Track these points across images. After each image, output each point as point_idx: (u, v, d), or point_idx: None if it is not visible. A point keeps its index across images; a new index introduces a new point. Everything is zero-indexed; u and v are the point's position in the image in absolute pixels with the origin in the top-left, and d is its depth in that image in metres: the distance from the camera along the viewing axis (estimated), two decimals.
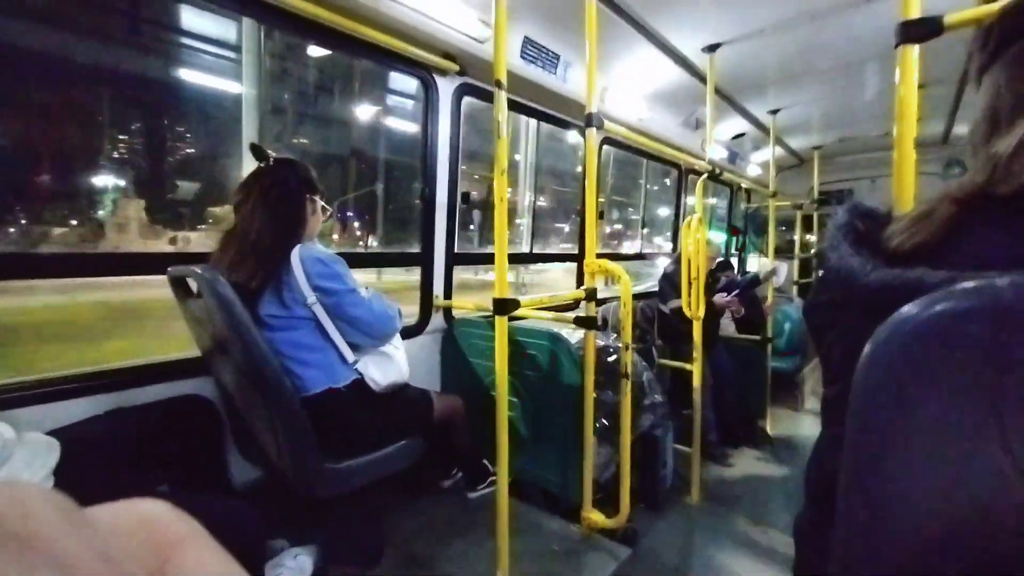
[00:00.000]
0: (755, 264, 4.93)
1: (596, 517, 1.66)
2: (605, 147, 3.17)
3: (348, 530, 1.53)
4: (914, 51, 1.04)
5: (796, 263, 4.16)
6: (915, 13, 1.02)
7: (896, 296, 0.32)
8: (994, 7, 1.07)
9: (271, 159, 1.38)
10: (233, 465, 1.54)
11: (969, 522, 0.29)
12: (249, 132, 1.90)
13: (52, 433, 1.09)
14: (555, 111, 2.54)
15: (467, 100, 2.14)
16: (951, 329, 0.29)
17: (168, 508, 0.22)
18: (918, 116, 1.07)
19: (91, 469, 1.08)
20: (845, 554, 0.37)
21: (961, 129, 3.45)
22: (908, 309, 0.31)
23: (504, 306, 1.40)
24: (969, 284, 0.29)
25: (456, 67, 1.95)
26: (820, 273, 0.54)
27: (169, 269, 1.30)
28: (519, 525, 1.50)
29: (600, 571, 1.51)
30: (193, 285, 1.26)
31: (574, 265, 3.10)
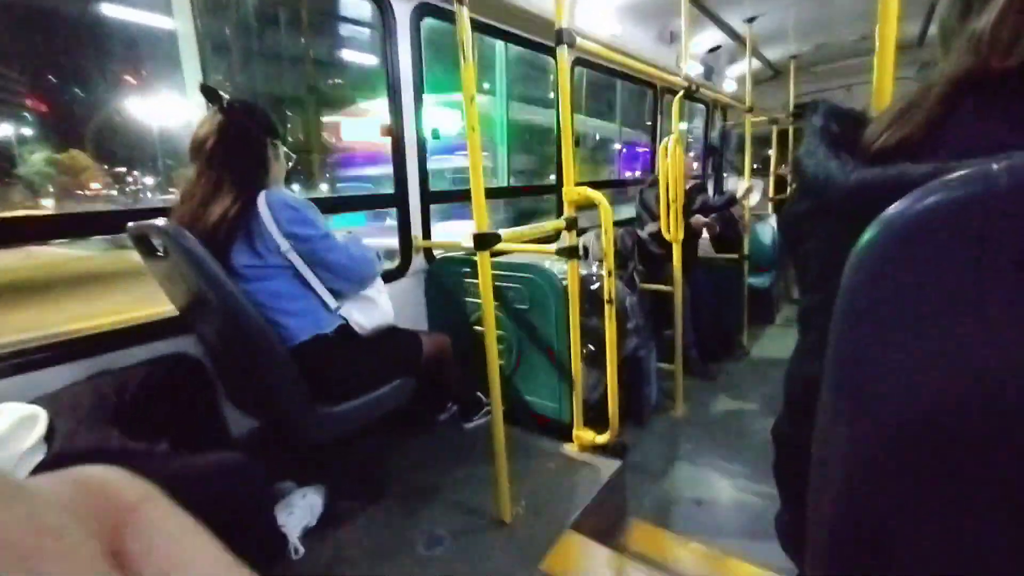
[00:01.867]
0: (732, 184, 4.92)
1: (587, 435, 1.76)
2: (578, 69, 3.01)
3: (350, 469, 1.59)
4: None
5: (772, 180, 4.17)
6: None
7: (878, 195, 0.32)
8: None
9: (224, 102, 1.27)
10: (229, 418, 1.56)
11: (947, 407, 0.30)
12: (190, 72, 1.74)
13: (36, 401, 1.08)
14: (523, 31, 2.38)
15: (429, 23, 1.98)
16: (943, 222, 0.28)
17: (121, 473, 0.21)
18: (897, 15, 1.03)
19: (84, 433, 1.07)
20: (825, 448, 0.39)
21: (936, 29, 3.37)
22: (897, 206, 0.30)
23: (484, 241, 1.38)
24: (962, 172, 0.28)
25: None
26: (797, 181, 0.53)
27: (129, 225, 1.23)
28: (515, 449, 1.58)
29: (593, 483, 1.61)
30: (158, 242, 1.20)
31: None
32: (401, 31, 1.89)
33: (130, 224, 1.23)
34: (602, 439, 1.74)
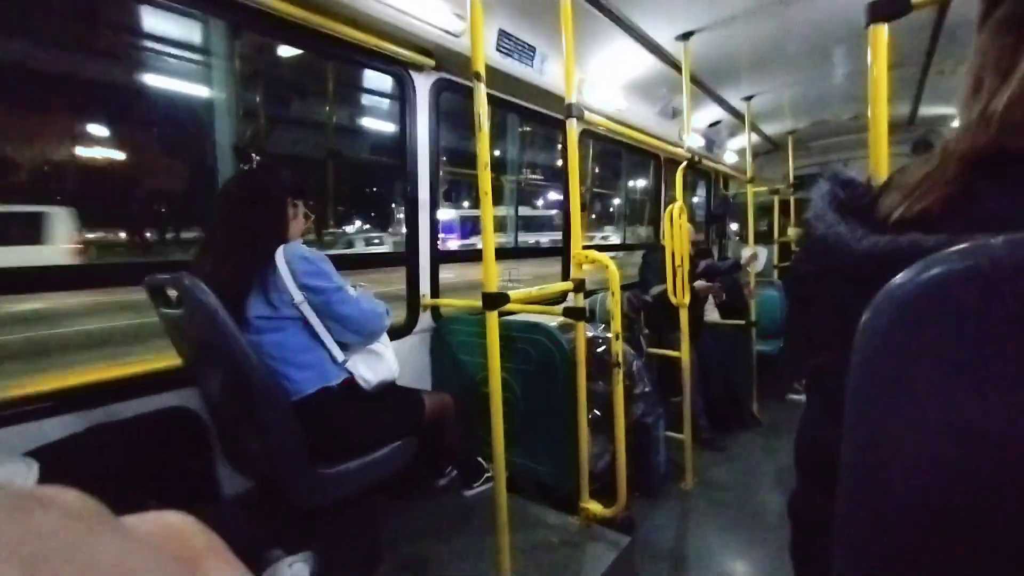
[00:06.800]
0: (735, 249, 5.00)
1: (593, 507, 1.67)
2: (585, 140, 3.17)
3: (344, 536, 1.51)
4: (884, 31, 1.06)
5: (776, 247, 4.23)
6: None
7: (887, 263, 0.32)
8: None
9: (254, 162, 1.35)
10: (222, 476, 1.51)
11: (959, 482, 0.29)
12: (223, 136, 1.85)
13: (31, 454, 1.05)
14: (534, 104, 2.53)
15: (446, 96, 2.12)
16: (944, 294, 0.28)
17: (192, 521, 0.22)
18: (887, 97, 1.09)
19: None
20: (848, 522, 0.37)
21: (926, 110, 3.55)
22: (901, 276, 0.30)
23: (493, 301, 1.39)
24: (963, 246, 0.29)
25: (432, 62, 1.92)
26: (804, 243, 0.54)
27: (146, 278, 1.26)
28: (517, 520, 1.50)
29: (600, 561, 1.51)
30: (172, 293, 1.22)
31: None
32: (420, 103, 2.02)
33: (148, 276, 1.26)
34: (609, 512, 1.65)
